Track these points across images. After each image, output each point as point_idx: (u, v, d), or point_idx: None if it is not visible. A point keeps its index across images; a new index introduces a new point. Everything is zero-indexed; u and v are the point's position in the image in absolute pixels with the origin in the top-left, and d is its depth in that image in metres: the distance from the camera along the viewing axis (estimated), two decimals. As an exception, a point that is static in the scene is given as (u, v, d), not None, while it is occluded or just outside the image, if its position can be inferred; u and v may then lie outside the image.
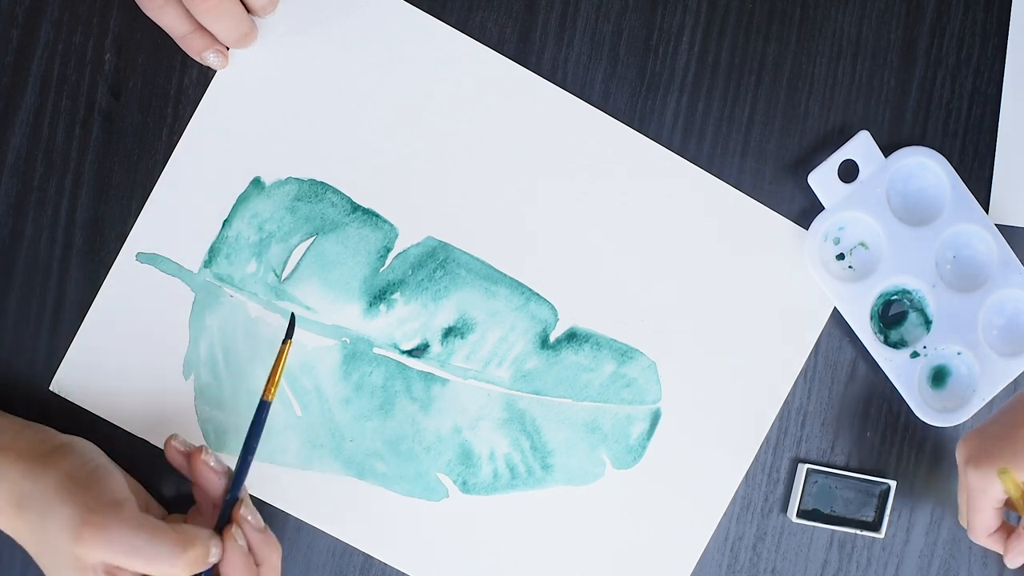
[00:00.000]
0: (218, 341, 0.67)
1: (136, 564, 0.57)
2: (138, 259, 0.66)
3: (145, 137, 0.67)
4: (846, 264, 0.69)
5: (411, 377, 0.68)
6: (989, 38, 0.70)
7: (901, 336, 0.69)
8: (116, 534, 0.56)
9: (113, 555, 0.56)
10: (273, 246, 0.67)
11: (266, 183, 0.67)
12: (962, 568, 0.71)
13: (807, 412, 0.70)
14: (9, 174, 0.66)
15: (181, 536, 0.58)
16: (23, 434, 0.61)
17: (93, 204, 0.67)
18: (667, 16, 0.69)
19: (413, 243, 0.67)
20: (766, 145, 0.69)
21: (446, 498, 0.68)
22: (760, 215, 0.69)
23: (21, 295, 0.66)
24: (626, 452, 0.69)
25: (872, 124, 0.69)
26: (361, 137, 0.67)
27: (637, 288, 0.69)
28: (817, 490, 0.69)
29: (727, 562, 0.70)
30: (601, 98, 0.68)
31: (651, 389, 0.69)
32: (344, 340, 0.67)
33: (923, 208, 0.69)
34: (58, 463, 0.59)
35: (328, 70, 0.67)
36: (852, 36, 0.69)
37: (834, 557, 0.70)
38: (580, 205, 0.68)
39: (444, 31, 0.67)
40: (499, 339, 0.68)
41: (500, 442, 0.68)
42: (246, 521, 0.61)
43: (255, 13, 0.65)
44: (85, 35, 0.66)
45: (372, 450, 0.67)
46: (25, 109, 0.66)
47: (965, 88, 0.70)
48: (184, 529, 0.58)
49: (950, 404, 0.69)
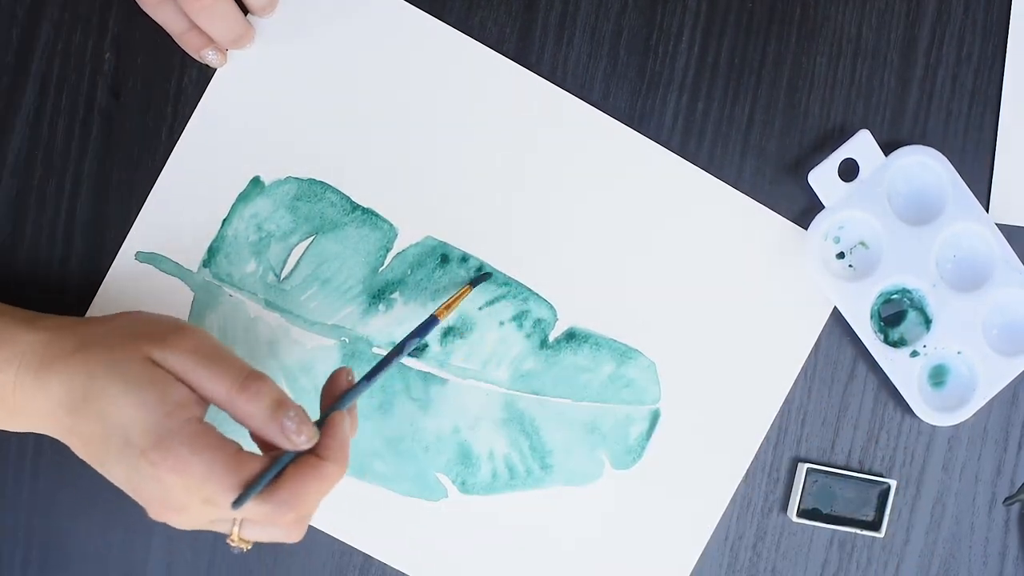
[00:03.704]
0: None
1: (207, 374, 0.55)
2: (137, 258, 0.67)
3: (145, 137, 0.67)
4: (846, 263, 0.69)
5: (410, 377, 0.68)
6: (989, 38, 0.70)
7: (901, 335, 0.69)
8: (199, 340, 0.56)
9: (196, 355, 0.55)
10: (272, 246, 0.67)
11: (265, 183, 0.67)
12: (962, 568, 0.71)
13: (807, 411, 0.70)
14: (9, 174, 0.66)
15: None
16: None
17: (93, 204, 0.67)
18: (667, 16, 0.69)
19: (412, 243, 0.67)
20: (766, 145, 0.69)
21: (445, 498, 0.68)
22: (760, 215, 0.69)
23: (21, 294, 0.66)
24: (625, 452, 0.69)
25: (872, 124, 0.69)
26: (361, 137, 0.67)
27: (636, 288, 0.69)
28: (817, 490, 0.69)
29: (727, 562, 0.70)
30: (601, 98, 0.68)
31: (650, 389, 0.69)
32: (343, 340, 0.67)
33: (923, 207, 0.69)
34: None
35: (328, 70, 0.67)
36: (852, 36, 0.69)
37: (834, 557, 0.70)
38: (579, 205, 0.68)
39: (444, 31, 0.67)
40: (498, 339, 0.68)
41: (499, 442, 0.68)
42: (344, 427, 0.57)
43: (254, 13, 0.66)
44: (85, 35, 0.66)
45: (371, 450, 0.67)
46: (25, 109, 0.66)
47: (965, 88, 0.70)
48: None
49: (950, 403, 0.69)
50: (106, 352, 0.55)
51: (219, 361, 0.55)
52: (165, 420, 0.53)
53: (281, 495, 0.53)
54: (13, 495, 0.67)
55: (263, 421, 0.54)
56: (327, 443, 0.55)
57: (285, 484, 0.53)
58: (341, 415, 0.57)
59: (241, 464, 0.53)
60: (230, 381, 0.54)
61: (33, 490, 0.67)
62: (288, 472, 0.54)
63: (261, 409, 0.54)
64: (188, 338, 0.56)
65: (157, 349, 0.55)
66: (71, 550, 0.67)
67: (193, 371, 0.55)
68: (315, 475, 0.54)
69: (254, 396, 0.54)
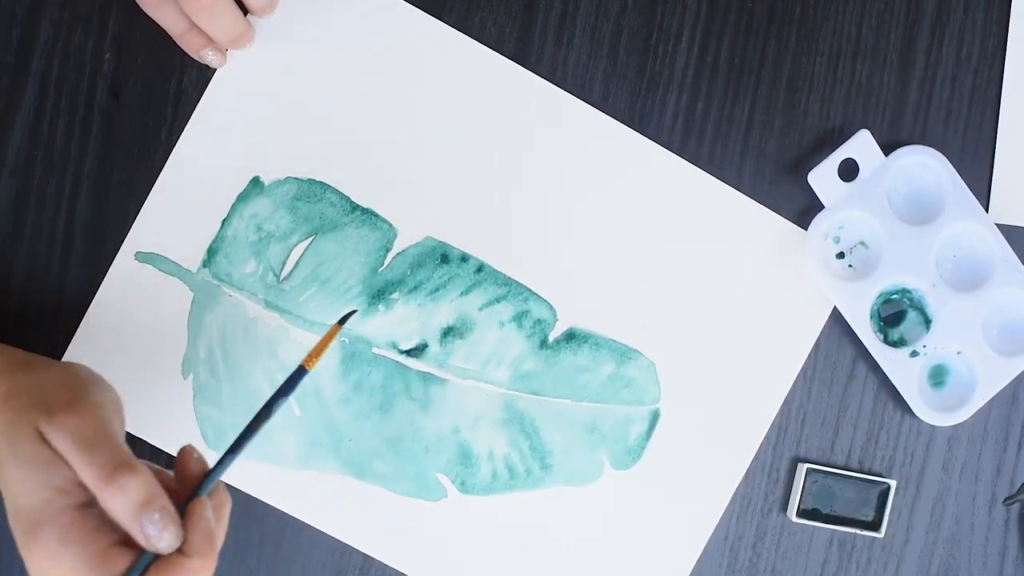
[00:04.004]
0: (217, 340, 0.67)
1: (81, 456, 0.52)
2: (137, 258, 0.67)
3: (145, 137, 0.67)
4: (846, 263, 0.69)
5: (410, 377, 0.68)
6: (989, 38, 0.70)
7: (901, 335, 0.69)
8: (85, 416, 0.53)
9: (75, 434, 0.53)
10: (272, 246, 0.67)
11: (265, 183, 0.67)
12: (962, 568, 0.71)
13: (807, 412, 0.70)
14: (9, 174, 0.66)
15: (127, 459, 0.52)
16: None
17: (93, 204, 0.67)
18: (667, 16, 0.69)
19: (412, 243, 0.67)
20: (766, 145, 0.69)
21: (445, 498, 0.68)
22: (760, 215, 0.69)
23: (21, 294, 0.66)
24: (625, 452, 0.69)
25: (872, 124, 0.69)
26: (360, 137, 0.67)
27: (636, 288, 0.69)
28: (817, 490, 0.69)
29: (727, 562, 0.70)
30: (601, 98, 0.68)
31: (650, 389, 0.69)
32: (343, 340, 0.67)
33: (923, 207, 0.69)
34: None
35: (327, 70, 0.67)
36: (852, 36, 0.69)
37: (834, 557, 0.70)
38: (579, 205, 0.68)
39: (444, 31, 0.67)
40: (498, 339, 0.68)
41: (499, 442, 0.68)
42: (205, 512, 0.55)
43: (254, 13, 0.66)
44: (85, 35, 0.66)
45: (371, 450, 0.67)
46: (25, 109, 0.66)
47: (965, 88, 0.70)
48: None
49: (950, 403, 0.69)
50: (12, 414, 0.54)
51: (92, 448, 0.52)
52: (43, 505, 0.52)
53: None
54: (13, 495, 0.67)
55: (126, 519, 0.52)
56: (190, 537, 0.53)
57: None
58: (201, 503, 0.54)
59: (109, 560, 0.51)
60: (98, 471, 0.52)
61: (33, 490, 0.67)
62: (152, 571, 0.52)
63: (124, 506, 0.52)
64: (73, 415, 0.53)
65: (45, 423, 0.53)
66: (71, 550, 0.67)
67: (70, 454, 0.52)
68: (179, 573, 0.52)
69: (119, 491, 0.52)
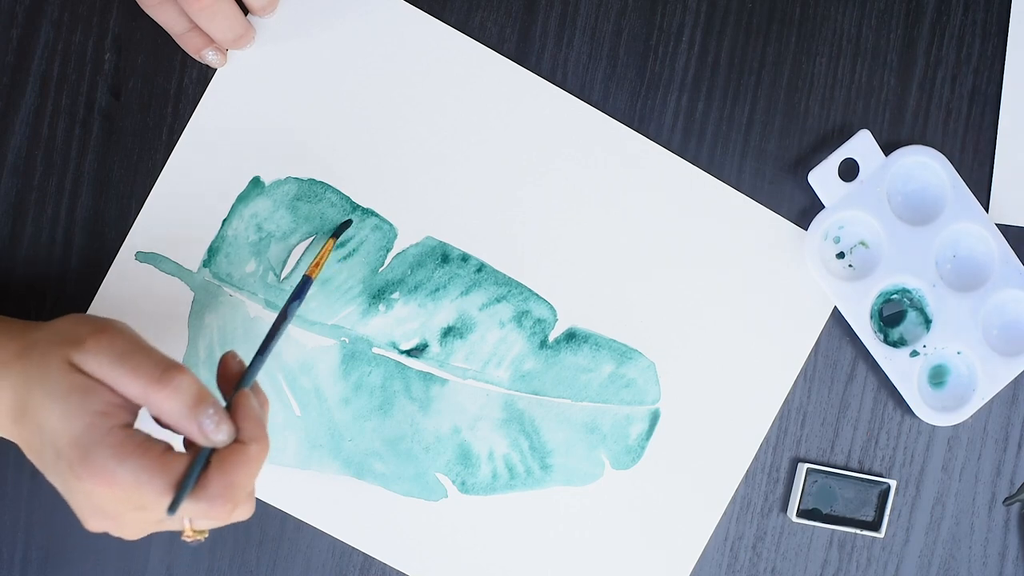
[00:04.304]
0: (217, 340, 0.67)
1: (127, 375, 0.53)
2: (137, 258, 0.67)
3: (145, 137, 0.67)
4: (846, 263, 0.69)
5: (410, 377, 0.68)
6: (989, 38, 0.70)
7: (901, 335, 0.69)
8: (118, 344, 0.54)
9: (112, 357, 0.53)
10: (272, 245, 0.67)
11: (265, 182, 0.67)
12: (962, 568, 0.71)
13: (807, 412, 0.70)
14: (9, 174, 0.66)
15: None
16: None
17: (93, 204, 0.67)
18: (667, 16, 0.69)
19: (412, 243, 0.67)
20: (766, 145, 0.69)
21: (445, 498, 0.68)
22: (760, 215, 0.69)
23: (21, 294, 0.66)
24: (625, 452, 0.69)
25: (872, 124, 0.69)
26: (361, 137, 0.67)
27: (636, 288, 0.69)
28: (817, 490, 0.69)
29: (727, 562, 0.70)
30: (601, 98, 0.68)
31: (650, 389, 0.69)
32: (343, 340, 0.67)
33: (923, 207, 0.69)
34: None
35: (327, 70, 0.67)
36: (852, 36, 0.69)
37: (834, 557, 0.70)
38: (579, 205, 0.68)
39: (444, 31, 0.67)
40: (498, 339, 0.68)
41: (499, 442, 0.68)
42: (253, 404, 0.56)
43: (254, 13, 0.66)
44: (85, 35, 0.66)
45: (371, 450, 0.67)
46: (25, 109, 0.66)
47: (965, 88, 0.70)
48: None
49: (950, 403, 0.69)
50: (39, 358, 0.54)
51: (134, 357, 0.53)
52: (88, 431, 0.52)
53: (212, 490, 0.52)
54: (13, 495, 0.67)
55: (181, 419, 0.53)
56: (242, 425, 0.54)
57: (213, 478, 0.53)
58: (245, 394, 0.56)
59: (168, 465, 0.52)
60: (146, 377, 0.53)
61: (33, 490, 0.67)
62: (213, 464, 0.53)
63: (178, 406, 0.53)
64: (105, 337, 0.54)
65: (77, 352, 0.53)
66: (71, 550, 0.67)
67: (110, 371, 0.53)
68: (240, 460, 0.53)
69: (172, 392, 0.53)
